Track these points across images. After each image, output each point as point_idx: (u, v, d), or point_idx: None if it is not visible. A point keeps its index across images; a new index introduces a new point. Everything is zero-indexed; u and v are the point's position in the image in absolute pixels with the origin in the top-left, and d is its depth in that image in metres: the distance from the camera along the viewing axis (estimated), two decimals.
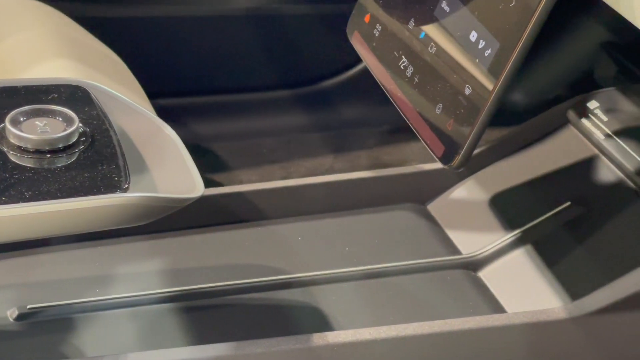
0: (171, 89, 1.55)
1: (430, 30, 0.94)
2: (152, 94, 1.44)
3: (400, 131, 1.54)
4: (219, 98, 1.57)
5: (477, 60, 0.88)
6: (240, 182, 1.46)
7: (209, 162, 1.50)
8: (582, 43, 1.51)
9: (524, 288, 1.06)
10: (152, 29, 1.50)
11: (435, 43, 0.93)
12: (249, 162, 1.51)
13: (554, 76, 1.53)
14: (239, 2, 1.53)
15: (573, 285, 1.04)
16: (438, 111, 0.91)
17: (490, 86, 0.86)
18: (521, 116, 1.28)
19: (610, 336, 0.98)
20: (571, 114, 1.17)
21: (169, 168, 0.89)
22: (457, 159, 0.89)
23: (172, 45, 1.52)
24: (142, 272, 1.04)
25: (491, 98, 0.86)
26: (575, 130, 1.16)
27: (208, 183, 1.45)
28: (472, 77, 0.88)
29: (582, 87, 1.40)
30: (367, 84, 1.50)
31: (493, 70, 0.86)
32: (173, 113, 1.54)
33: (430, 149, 0.92)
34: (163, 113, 1.49)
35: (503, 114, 1.51)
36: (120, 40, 1.41)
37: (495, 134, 1.43)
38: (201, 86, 1.56)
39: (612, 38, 1.43)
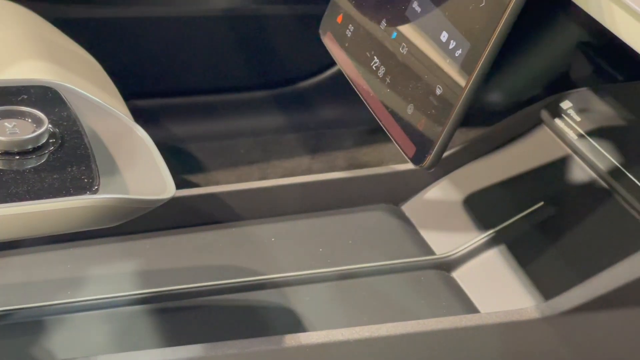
0: (148, 90, 1.54)
1: (402, 30, 0.95)
2: (129, 95, 1.43)
3: (378, 131, 1.54)
4: (196, 99, 1.57)
5: (448, 61, 0.88)
6: (217, 183, 1.45)
7: (185, 163, 1.50)
8: (556, 43, 1.51)
9: (497, 288, 1.07)
10: (128, 30, 1.49)
11: (407, 43, 0.93)
12: (226, 163, 1.50)
13: (528, 76, 1.54)
14: (215, 2, 1.53)
15: (546, 285, 1.05)
16: (409, 111, 0.91)
17: (461, 86, 0.86)
18: (496, 116, 1.28)
19: (583, 335, 0.98)
20: (545, 114, 1.17)
21: (139, 169, 0.88)
22: (428, 160, 0.89)
23: (149, 46, 1.51)
24: (114, 274, 1.04)
25: (462, 98, 0.87)
26: (548, 131, 1.16)
27: (184, 184, 1.45)
28: (443, 77, 0.88)
29: (557, 87, 1.41)
30: (344, 85, 1.50)
31: (464, 71, 0.86)
32: (150, 114, 1.54)
33: (401, 149, 0.92)
34: (140, 114, 1.50)
35: (478, 114, 1.52)
36: (96, 42, 1.40)
37: (470, 134, 1.43)
38: (178, 87, 1.56)
39: (587, 38, 1.43)
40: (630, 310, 0.97)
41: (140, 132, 0.93)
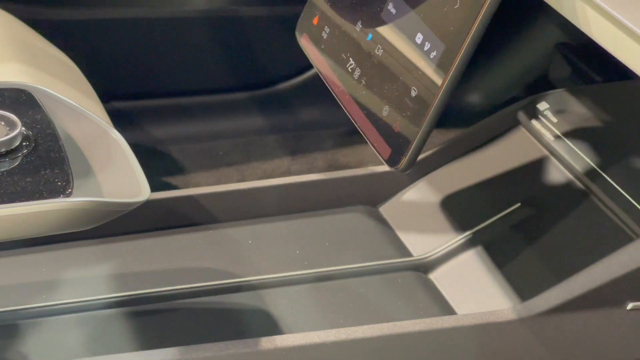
0: (126, 91, 1.54)
1: (377, 32, 0.94)
2: (107, 97, 1.43)
3: (358, 133, 1.53)
4: (175, 100, 1.56)
5: (422, 62, 0.88)
6: (196, 185, 1.45)
7: (164, 165, 1.50)
8: (534, 45, 1.52)
9: (474, 290, 1.07)
10: (107, 31, 1.49)
11: (382, 45, 0.93)
12: (205, 165, 1.50)
13: (506, 78, 1.54)
14: (194, 4, 1.52)
15: (523, 287, 1.05)
16: (385, 113, 0.91)
17: (435, 88, 0.86)
18: (474, 118, 1.28)
19: (559, 336, 0.98)
20: (522, 116, 1.17)
21: (114, 172, 0.88)
22: (404, 161, 0.89)
23: (127, 48, 1.51)
24: (90, 277, 1.04)
25: (437, 100, 0.86)
26: (525, 132, 1.17)
27: (163, 186, 1.45)
28: (418, 79, 0.88)
29: (535, 88, 1.41)
30: (324, 86, 1.49)
31: (438, 72, 0.86)
32: (129, 116, 1.53)
33: (377, 151, 0.92)
34: (118, 116, 1.49)
35: (456, 116, 1.52)
36: (73, 44, 1.40)
37: (447, 136, 1.44)
38: (158, 89, 1.55)
39: (565, 39, 1.44)
40: (605, 311, 0.98)
41: (115, 134, 0.93)
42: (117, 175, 0.88)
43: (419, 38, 0.90)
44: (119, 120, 1.46)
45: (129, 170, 0.89)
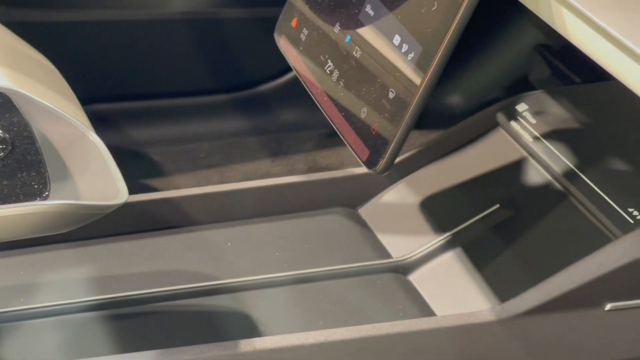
0: (107, 94, 1.53)
1: (355, 34, 0.95)
2: (87, 100, 1.42)
3: (338, 134, 1.54)
4: (155, 103, 1.56)
5: (400, 64, 0.88)
6: (176, 187, 1.45)
7: (145, 168, 1.49)
8: (514, 46, 1.52)
9: (453, 291, 1.07)
10: (86, 33, 1.48)
11: (360, 47, 0.93)
12: (186, 167, 1.50)
13: (486, 79, 1.55)
14: (174, 6, 1.52)
15: (502, 288, 1.05)
16: (363, 115, 0.91)
17: (413, 90, 0.86)
18: (453, 119, 1.29)
19: (538, 337, 0.99)
20: (500, 117, 1.17)
21: (92, 175, 0.88)
22: (382, 163, 0.89)
23: (107, 50, 1.50)
24: (68, 280, 1.03)
25: (414, 102, 0.87)
26: (504, 133, 1.17)
27: (143, 188, 1.45)
28: (396, 81, 0.88)
29: (515, 89, 1.42)
30: (304, 88, 1.50)
31: (416, 74, 0.86)
32: (109, 118, 1.53)
33: (355, 153, 0.92)
34: (98, 118, 1.49)
35: (436, 117, 1.52)
36: (53, 46, 1.39)
37: (427, 137, 1.44)
38: (137, 91, 1.55)
39: (544, 40, 1.44)
40: (584, 312, 0.98)
41: (93, 137, 0.93)
42: (95, 177, 0.87)
43: (396, 40, 0.90)
44: (99, 122, 1.46)
45: (107, 173, 0.88)
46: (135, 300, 1.02)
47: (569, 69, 1.38)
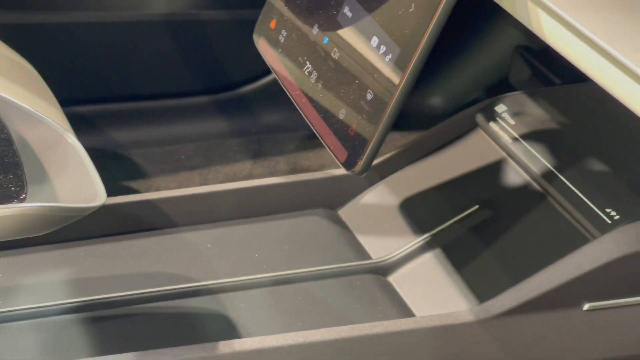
0: (88, 96, 1.53)
1: (333, 35, 0.95)
2: (68, 102, 1.42)
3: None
4: (137, 105, 1.56)
5: (378, 66, 0.88)
6: (158, 189, 1.45)
7: (126, 170, 1.49)
8: (493, 47, 1.53)
9: (433, 292, 1.07)
10: (66, 35, 1.48)
11: (338, 48, 0.93)
12: (167, 169, 1.50)
13: (466, 80, 1.55)
14: (155, 7, 1.52)
15: (482, 288, 1.05)
16: (341, 116, 0.92)
17: (391, 91, 0.87)
18: (434, 120, 1.29)
19: (516, 338, 0.99)
20: (480, 118, 1.17)
21: (69, 177, 0.88)
22: (360, 164, 0.89)
23: (88, 52, 1.50)
24: (46, 283, 1.03)
25: (392, 103, 0.87)
26: (483, 134, 1.17)
27: (124, 190, 1.44)
28: (374, 82, 0.88)
29: (495, 91, 1.42)
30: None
31: (394, 76, 0.87)
32: (90, 120, 1.53)
33: (334, 154, 0.92)
34: (79, 120, 1.49)
35: (417, 119, 1.53)
36: (33, 48, 1.39)
37: (407, 138, 1.44)
38: (118, 93, 1.55)
39: (524, 42, 1.45)
40: (562, 312, 0.98)
41: (72, 139, 0.93)
42: (73, 180, 0.87)
43: (374, 41, 0.90)
44: (80, 124, 1.46)
45: (85, 175, 0.88)
46: (114, 302, 1.01)
47: (549, 70, 1.39)
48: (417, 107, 1.54)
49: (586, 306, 0.98)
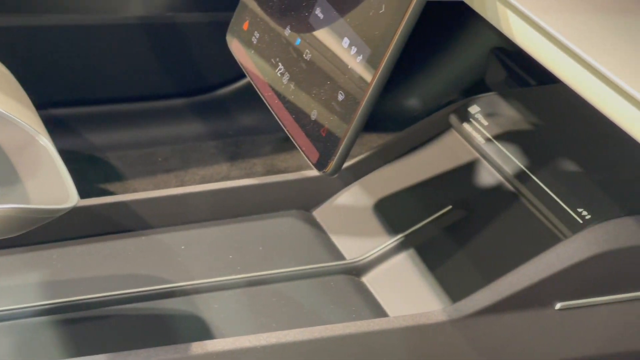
0: (64, 98, 1.53)
1: (305, 37, 0.95)
2: (44, 104, 1.42)
3: None
4: (114, 107, 1.56)
5: (349, 67, 0.89)
6: (135, 192, 1.44)
7: (103, 172, 1.49)
8: (470, 49, 1.53)
9: (406, 292, 1.07)
10: (42, 38, 1.48)
11: (310, 50, 0.94)
12: (144, 172, 1.49)
13: (444, 82, 1.55)
14: (131, 10, 1.52)
15: (455, 288, 1.06)
16: (313, 117, 0.92)
17: (361, 92, 0.87)
18: (409, 122, 1.29)
19: (489, 337, 0.99)
20: (453, 119, 1.18)
21: (41, 179, 0.88)
22: (331, 165, 0.89)
23: (64, 55, 1.50)
24: (19, 285, 1.03)
25: (363, 104, 0.87)
26: (457, 135, 1.18)
27: (102, 193, 1.44)
28: (345, 83, 0.89)
29: (472, 92, 1.42)
30: None
31: (364, 77, 0.87)
32: (67, 123, 1.52)
33: (305, 155, 0.93)
34: (56, 123, 1.49)
35: (393, 120, 1.53)
36: (9, 50, 1.39)
37: (381, 139, 1.44)
38: (95, 95, 1.55)
39: (499, 43, 1.45)
40: (535, 312, 0.99)
41: (43, 141, 0.92)
42: (44, 181, 0.87)
43: (345, 42, 0.90)
44: (57, 127, 1.46)
45: (57, 177, 0.88)
46: (87, 304, 1.01)
47: (524, 72, 1.39)
48: (392, 109, 1.55)
49: (558, 305, 0.99)
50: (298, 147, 0.94)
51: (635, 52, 0.79)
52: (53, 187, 0.87)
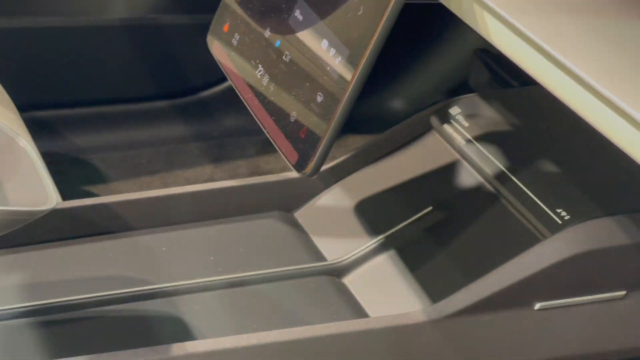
0: (48, 100, 1.53)
1: (285, 39, 0.95)
2: (28, 107, 1.42)
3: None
4: (97, 109, 1.56)
5: (328, 68, 0.89)
6: (118, 194, 1.44)
7: (86, 174, 1.49)
8: (453, 51, 1.53)
9: (387, 293, 1.08)
10: (25, 40, 1.48)
11: (290, 51, 0.94)
12: (128, 174, 1.50)
13: (427, 84, 1.56)
14: (115, 12, 1.52)
15: (436, 289, 1.06)
16: (292, 119, 0.92)
17: (340, 94, 0.87)
18: (392, 123, 1.29)
19: (470, 337, 1.00)
20: (434, 120, 1.18)
21: (20, 180, 0.88)
22: (310, 166, 0.90)
23: (48, 57, 1.50)
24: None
25: (341, 105, 0.87)
26: (438, 136, 1.18)
27: (85, 195, 1.44)
28: (324, 85, 0.89)
29: (455, 94, 1.43)
30: None
31: (343, 78, 0.87)
32: (50, 125, 1.52)
33: (285, 157, 0.93)
34: (40, 125, 1.49)
35: (377, 121, 1.53)
36: None
37: (363, 141, 1.45)
38: (79, 97, 1.55)
39: (481, 44, 1.46)
40: (514, 312, 0.99)
41: (23, 143, 0.93)
42: (23, 183, 0.87)
43: (324, 44, 0.90)
44: (40, 129, 1.46)
45: (36, 178, 0.88)
46: (67, 306, 1.01)
47: (507, 73, 1.40)
48: (374, 111, 1.55)
49: (537, 305, 0.99)
50: (277, 149, 0.94)
51: (610, 54, 0.80)
52: (32, 188, 0.87)
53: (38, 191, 0.87)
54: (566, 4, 0.85)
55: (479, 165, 1.11)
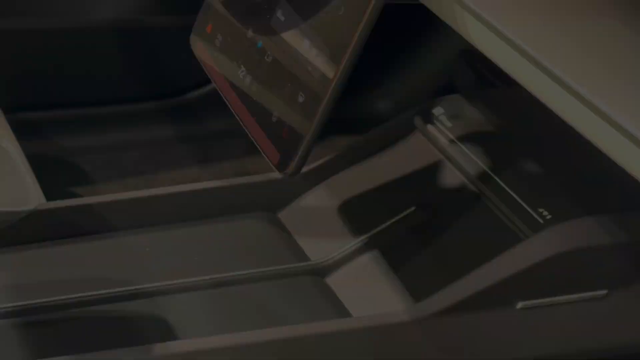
0: (33, 102, 1.53)
1: (267, 39, 0.96)
2: (13, 108, 1.41)
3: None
4: (83, 110, 1.56)
5: (310, 68, 0.89)
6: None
7: (72, 176, 1.49)
8: (438, 52, 1.54)
9: (370, 293, 1.08)
10: (10, 41, 1.48)
11: (272, 52, 0.94)
12: (114, 175, 1.49)
13: (412, 84, 1.56)
14: (99, 13, 1.52)
15: (419, 289, 1.06)
16: (274, 119, 0.93)
17: (322, 93, 0.88)
18: (376, 124, 1.30)
19: (452, 336, 1.00)
20: (418, 120, 1.19)
21: (1, 181, 0.88)
22: (292, 166, 0.90)
23: (33, 58, 1.50)
24: None
25: (323, 104, 0.88)
26: (422, 136, 1.18)
27: (70, 197, 1.44)
28: (306, 84, 0.89)
29: (442, 93, 1.43)
30: None
31: (325, 77, 0.87)
32: (35, 127, 1.52)
33: (267, 157, 0.93)
34: (25, 127, 1.48)
35: (362, 122, 1.53)
36: None
37: (346, 141, 1.45)
38: (64, 99, 1.54)
39: (469, 45, 1.46)
40: (497, 311, 1.00)
41: (5, 143, 0.93)
42: (5, 184, 0.88)
43: (306, 44, 0.91)
44: (26, 130, 1.46)
45: (17, 179, 0.89)
46: (50, 307, 1.01)
47: (492, 74, 1.40)
48: (359, 111, 1.55)
49: (520, 305, 1.00)
50: (259, 149, 0.94)
51: (590, 55, 0.80)
52: (13, 189, 0.87)
53: (20, 192, 0.87)
54: (546, 4, 0.86)
55: (462, 165, 1.12)
